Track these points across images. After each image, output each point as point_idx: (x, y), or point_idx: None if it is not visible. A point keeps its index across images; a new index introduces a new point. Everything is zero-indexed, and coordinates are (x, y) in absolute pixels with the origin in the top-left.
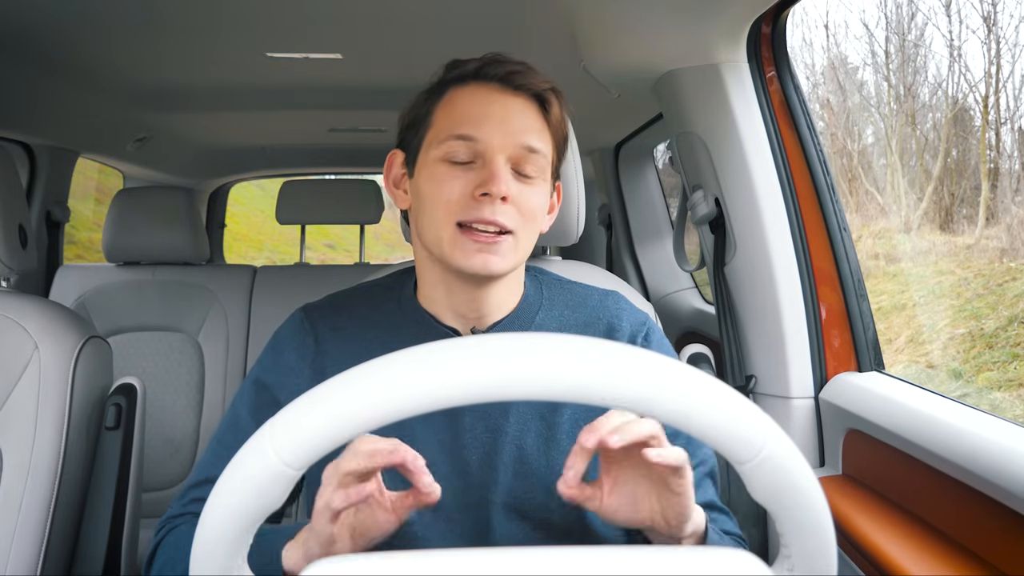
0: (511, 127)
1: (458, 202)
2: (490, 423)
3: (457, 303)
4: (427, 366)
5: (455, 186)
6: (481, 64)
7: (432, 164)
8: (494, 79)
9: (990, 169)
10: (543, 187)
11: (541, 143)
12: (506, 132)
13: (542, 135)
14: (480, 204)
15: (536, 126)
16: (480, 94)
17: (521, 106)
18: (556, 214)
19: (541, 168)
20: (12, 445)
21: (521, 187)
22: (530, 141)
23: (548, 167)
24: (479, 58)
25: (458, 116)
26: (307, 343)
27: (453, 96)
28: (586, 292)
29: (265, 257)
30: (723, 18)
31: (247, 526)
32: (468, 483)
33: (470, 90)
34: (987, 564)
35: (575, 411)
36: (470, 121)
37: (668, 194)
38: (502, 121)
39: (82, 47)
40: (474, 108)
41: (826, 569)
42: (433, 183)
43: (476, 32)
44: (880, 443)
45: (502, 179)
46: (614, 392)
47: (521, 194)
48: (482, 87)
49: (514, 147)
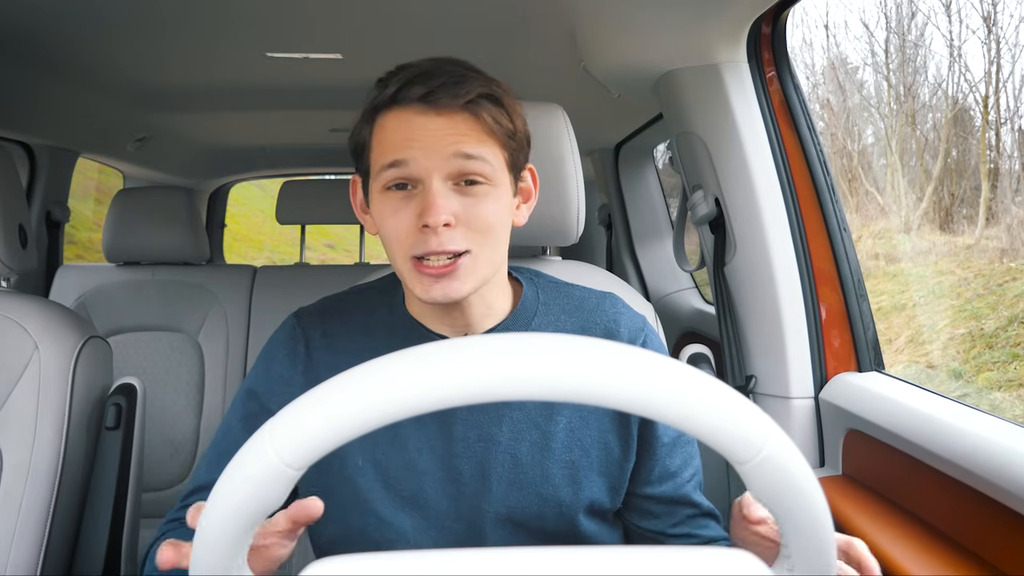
0: (438, 146)
1: (407, 237)
2: (483, 432)
3: (440, 316)
4: (428, 366)
5: (400, 219)
6: (399, 86)
7: (378, 195)
8: (413, 100)
9: (990, 169)
10: (497, 192)
11: (479, 149)
12: (434, 153)
13: (479, 142)
14: (425, 236)
15: (470, 136)
16: (403, 118)
17: (445, 123)
18: (534, 201)
19: (488, 174)
20: (12, 445)
21: (468, 202)
22: (465, 150)
23: (499, 167)
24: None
25: (386, 144)
26: (298, 351)
27: (381, 122)
28: (583, 295)
29: (265, 257)
30: (723, 18)
31: (247, 526)
32: (461, 492)
33: (393, 115)
34: (987, 564)
35: (570, 419)
36: (397, 147)
37: (668, 194)
38: (428, 143)
39: (82, 47)
40: (397, 134)
41: (826, 569)
42: (382, 217)
43: (476, 32)
44: (880, 443)
45: (440, 207)
46: (614, 392)
47: (468, 210)
48: (403, 111)
49: (448, 163)
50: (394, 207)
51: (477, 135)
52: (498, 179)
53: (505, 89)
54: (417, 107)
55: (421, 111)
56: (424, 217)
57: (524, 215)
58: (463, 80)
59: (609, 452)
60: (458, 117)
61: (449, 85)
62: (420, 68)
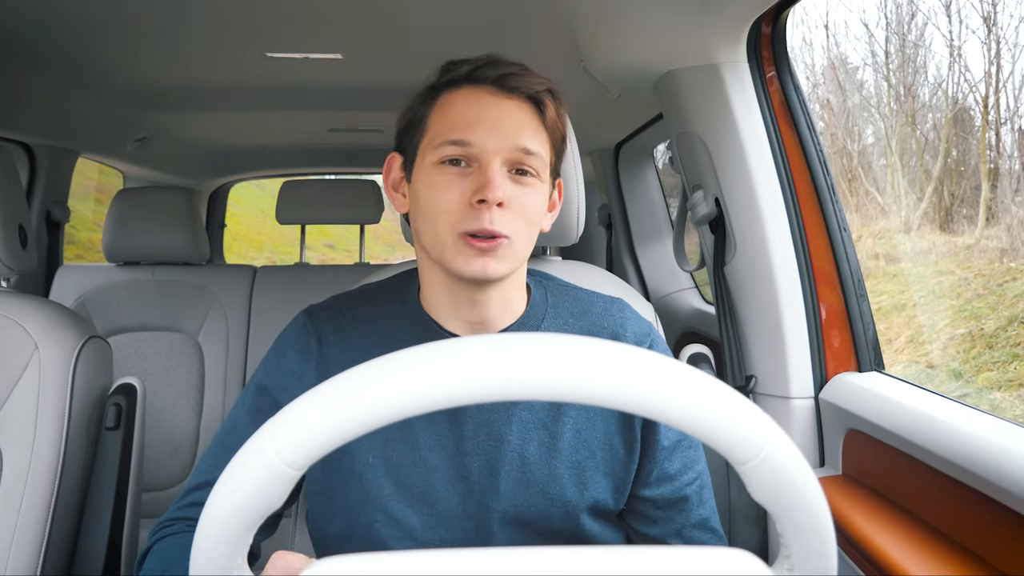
0: (505, 130)
1: (457, 210)
2: (492, 431)
3: (459, 307)
4: (429, 365)
5: (452, 193)
6: (474, 67)
7: (428, 169)
8: (487, 82)
9: (990, 169)
10: (541, 188)
11: (537, 144)
12: (500, 135)
13: (538, 136)
14: (478, 212)
15: (531, 128)
16: (473, 97)
17: (515, 109)
18: (558, 212)
19: (538, 169)
20: (12, 445)
21: (518, 190)
22: (525, 143)
23: (546, 168)
24: (472, 60)
25: (452, 120)
26: (310, 346)
27: (447, 100)
28: (591, 299)
29: (265, 257)
30: (723, 18)
31: (247, 526)
32: (470, 490)
33: (463, 93)
34: (987, 564)
35: (576, 420)
36: (464, 125)
37: (668, 194)
38: (496, 125)
39: (82, 47)
40: (468, 112)
41: (826, 569)
42: (431, 190)
43: (476, 32)
44: (880, 443)
45: (497, 184)
46: (614, 392)
47: (518, 197)
48: (475, 90)
49: (509, 150)
50: (448, 181)
51: (537, 128)
52: (543, 177)
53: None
54: (490, 88)
55: (493, 92)
56: (482, 192)
57: (549, 222)
58: (532, 73)
59: (614, 453)
60: (525, 106)
61: (521, 74)
62: (488, 57)
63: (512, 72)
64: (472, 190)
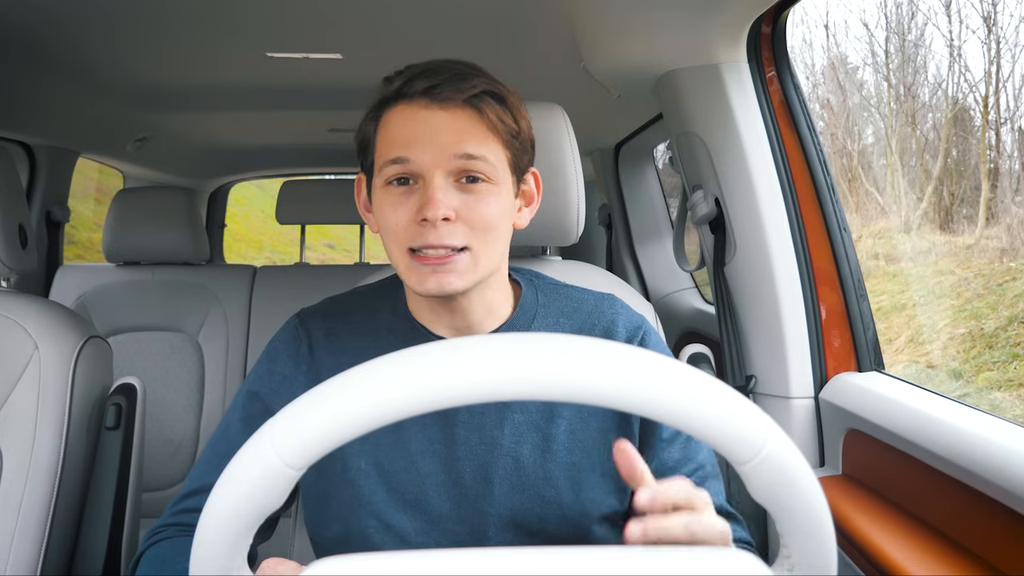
0: (441, 142)
1: (405, 229)
2: (484, 435)
3: (441, 315)
4: (428, 365)
5: (400, 213)
6: (404, 81)
7: (380, 190)
8: (417, 95)
9: (990, 169)
10: (497, 192)
11: (482, 149)
12: (436, 148)
13: (482, 140)
14: (423, 229)
15: (472, 133)
16: (408, 114)
17: (451, 119)
18: (537, 204)
19: (489, 174)
20: (12, 445)
21: (468, 199)
22: (467, 149)
23: (501, 168)
24: (405, 72)
25: (391, 140)
26: (301, 351)
27: (386, 119)
28: (581, 296)
29: (265, 257)
30: (723, 18)
31: (247, 526)
32: (463, 495)
33: (399, 111)
34: (987, 564)
35: (571, 422)
36: (401, 143)
37: (668, 194)
38: (431, 138)
39: (82, 47)
40: (402, 130)
41: (826, 569)
42: (382, 210)
43: (476, 32)
44: (880, 443)
45: (438, 201)
46: (613, 392)
47: (468, 207)
48: (408, 106)
49: (449, 161)
50: (394, 202)
51: (480, 132)
52: (500, 178)
53: (510, 90)
54: (421, 101)
55: (425, 105)
56: (423, 211)
57: (526, 218)
58: (467, 76)
59: (611, 450)
60: (462, 113)
61: (453, 80)
62: (425, 66)
63: (441, 81)
64: (416, 208)
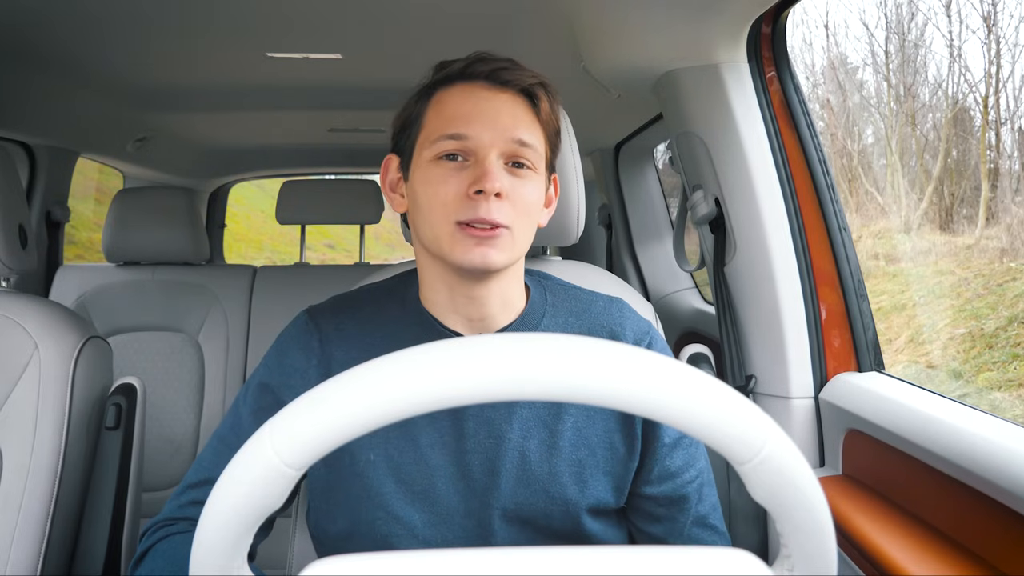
0: (500, 123)
1: (454, 201)
2: (493, 429)
3: (459, 303)
4: (429, 365)
5: (450, 186)
6: (467, 63)
7: (426, 166)
8: (480, 77)
9: (990, 169)
10: (537, 181)
11: (532, 137)
12: (496, 128)
13: (532, 129)
14: (475, 202)
15: (526, 121)
16: (468, 92)
17: (509, 102)
18: (554, 208)
19: (534, 162)
20: (12, 445)
21: (515, 181)
22: (521, 135)
23: (541, 160)
24: (464, 58)
25: (448, 116)
26: (312, 345)
27: (442, 97)
28: (590, 298)
29: (265, 257)
30: (723, 18)
31: (248, 526)
32: (471, 488)
33: (458, 89)
34: (987, 564)
35: (577, 419)
36: (460, 120)
37: (668, 194)
38: (491, 118)
39: (82, 47)
40: (463, 107)
41: (826, 569)
42: (428, 184)
43: (476, 32)
44: (880, 443)
45: (495, 175)
46: (613, 392)
47: (515, 189)
48: (469, 86)
49: (505, 142)
50: (445, 175)
51: (532, 121)
52: (540, 169)
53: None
54: (483, 83)
55: (487, 86)
56: (479, 183)
57: (545, 218)
58: (524, 68)
59: (614, 452)
60: (519, 99)
61: (513, 68)
62: (479, 54)
63: (504, 67)
64: (469, 182)
